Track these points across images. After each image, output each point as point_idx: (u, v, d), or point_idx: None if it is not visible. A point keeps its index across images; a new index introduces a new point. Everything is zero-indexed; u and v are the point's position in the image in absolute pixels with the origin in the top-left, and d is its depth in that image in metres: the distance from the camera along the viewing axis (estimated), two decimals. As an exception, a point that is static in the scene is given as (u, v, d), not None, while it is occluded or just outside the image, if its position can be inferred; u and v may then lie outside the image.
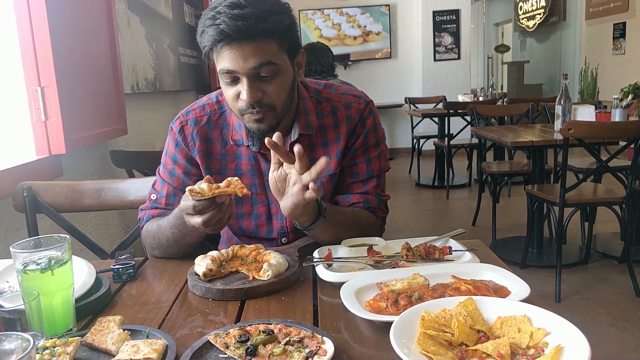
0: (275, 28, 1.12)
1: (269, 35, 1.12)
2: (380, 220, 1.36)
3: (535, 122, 4.21)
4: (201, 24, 1.14)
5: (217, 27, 1.09)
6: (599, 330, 2.52)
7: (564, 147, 2.82)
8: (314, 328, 0.82)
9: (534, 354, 0.74)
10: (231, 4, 1.09)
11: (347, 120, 1.31)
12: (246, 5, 1.09)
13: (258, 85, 1.15)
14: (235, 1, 1.10)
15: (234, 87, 1.16)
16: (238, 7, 1.09)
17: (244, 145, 1.29)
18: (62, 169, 2.15)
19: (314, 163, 1.29)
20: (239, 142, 1.29)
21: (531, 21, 9.74)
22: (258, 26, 1.09)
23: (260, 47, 1.11)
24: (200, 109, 1.32)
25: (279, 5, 1.15)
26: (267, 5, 1.12)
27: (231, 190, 1.04)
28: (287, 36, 1.16)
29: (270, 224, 1.34)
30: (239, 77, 1.14)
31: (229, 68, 1.13)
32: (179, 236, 1.21)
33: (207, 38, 1.12)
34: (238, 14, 1.08)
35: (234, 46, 1.10)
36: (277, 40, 1.14)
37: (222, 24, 1.08)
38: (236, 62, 1.12)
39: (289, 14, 1.17)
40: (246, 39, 1.09)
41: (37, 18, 1.91)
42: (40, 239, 0.90)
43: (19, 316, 0.79)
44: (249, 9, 1.09)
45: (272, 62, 1.13)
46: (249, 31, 1.09)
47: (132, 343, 0.79)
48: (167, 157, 1.34)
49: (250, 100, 1.14)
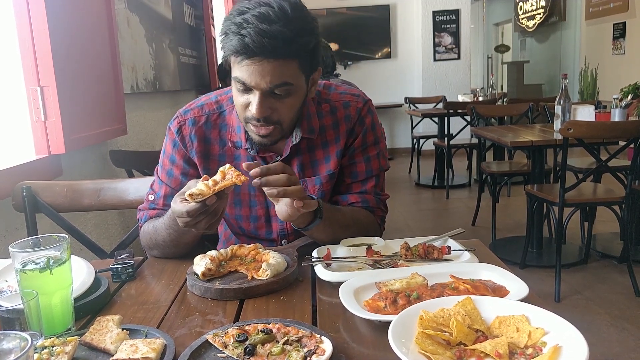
0: (301, 50, 1.10)
1: (292, 57, 1.10)
2: (379, 219, 1.36)
3: (535, 122, 4.22)
4: (226, 25, 1.09)
5: (242, 38, 1.05)
6: (598, 330, 2.52)
7: (564, 147, 2.82)
8: (313, 327, 0.83)
9: (532, 353, 0.74)
10: (260, 16, 1.05)
11: (346, 119, 1.30)
12: (275, 20, 1.05)
13: (269, 102, 1.13)
14: (265, 13, 1.05)
15: (245, 95, 1.14)
16: (267, 21, 1.05)
17: (243, 148, 1.28)
18: (62, 168, 2.15)
19: (313, 164, 1.30)
20: (238, 144, 1.28)
21: (531, 21, 9.74)
22: (283, 47, 1.06)
23: (281, 67, 1.09)
24: (198, 109, 1.31)
25: (308, 24, 1.11)
26: (296, 24, 1.08)
27: (230, 182, 1.02)
28: (310, 58, 1.15)
29: (269, 225, 1.34)
30: (251, 89, 1.12)
31: (245, 81, 1.11)
32: (175, 237, 1.21)
33: (229, 46, 1.08)
34: (265, 30, 1.04)
35: (255, 61, 1.07)
36: (299, 61, 1.12)
37: (247, 36, 1.04)
38: (253, 77, 1.09)
39: (315, 34, 1.14)
40: (269, 57, 1.07)
41: (37, 18, 1.91)
42: (39, 239, 0.90)
43: (17, 315, 0.79)
44: (277, 26, 1.05)
45: (289, 83, 1.12)
46: (273, 50, 1.06)
47: (131, 342, 0.79)
48: (164, 158, 1.33)
49: (258, 116, 1.13)
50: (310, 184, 1.30)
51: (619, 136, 2.94)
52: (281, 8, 1.06)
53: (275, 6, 1.06)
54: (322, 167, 1.30)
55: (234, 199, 1.30)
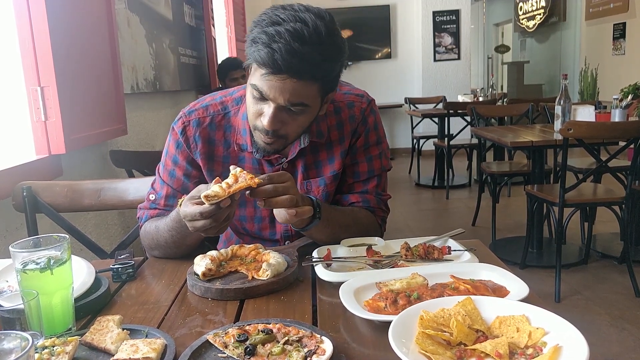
0: (325, 76, 1.10)
1: (316, 80, 1.09)
2: (380, 219, 1.36)
3: (535, 122, 4.22)
4: (256, 32, 1.06)
5: (272, 52, 1.03)
6: (598, 330, 2.52)
7: (564, 147, 2.82)
8: (313, 327, 0.83)
9: (533, 353, 0.74)
10: (294, 33, 1.02)
11: (350, 120, 1.30)
12: (308, 41, 1.03)
13: (281, 117, 1.12)
14: (300, 31, 1.03)
15: (260, 104, 1.13)
16: (300, 40, 1.03)
17: (248, 151, 1.27)
18: (62, 168, 2.15)
19: (317, 165, 1.29)
20: (244, 147, 1.27)
21: (531, 21, 9.74)
22: (309, 70, 1.05)
23: (301, 87, 1.08)
24: (203, 110, 1.29)
25: (338, 50, 1.11)
26: (327, 49, 1.07)
27: (244, 185, 1.01)
28: (332, 82, 1.15)
29: (273, 226, 1.34)
30: (267, 100, 1.11)
31: (263, 92, 1.09)
32: (178, 239, 1.20)
33: (257, 56, 1.05)
34: (297, 49, 1.02)
35: (279, 77, 1.06)
36: (320, 84, 1.11)
37: (277, 52, 1.02)
38: (272, 91, 1.08)
39: (342, 60, 1.13)
40: (293, 77, 1.05)
41: (37, 18, 1.91)
42: (39, 239, 0.90)
43: (18, 315, 0.79)
44: (308, 48, 1.03)
45: (305, 104, 1.11)
46: (299, 71, 1.05)
47: (131, 342, 0.79)
48: (167, 158, 1.32)
49: (268, 128, 1.13)
50: (314, 185, 1.30)
51: (619, 136, 2.94)
52: (316, 28, 1.04)
53: (310, 25, 1.04)
54: (326, 168, 1.30)
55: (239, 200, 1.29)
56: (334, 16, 1.11)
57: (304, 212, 1.10)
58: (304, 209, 1.10)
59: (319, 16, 1.06)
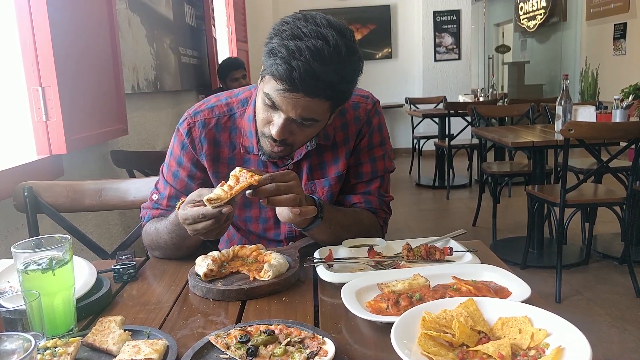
0: (338, 96, 1.11)
1: (329, 99, 1.09)
2: (382, 221, 1.36)
3: (536, 122, 4.22)
4: (275, 43, 1.04)
5: (290, 70, 1.01)
6: (599, 330, 2.52)
7: (565, 147, 2.82)
8: (315, 329, 0.82)
9: (535, 355, 0.74)
10: (315, 52, 1.01)
11: (355, 121, 1.30)
12: (328, 62, 1.02)
13: (290, 128, 1.13)
14: (320, 49, 1.01)
15: (270, 112, 1.13)
16: (320, 59, 1.01)
17: (254, 153, 1.27)
18: (63, 169, 2.15)
19: (322, 166, 1.29)
20: (250, 149, 1.27)
21: (532, 22, 9.74)
22: (325, 90, 1.05)
23: (315, 105, 1.08)
24: (208, 111, 1.28)
25: (355, 70, 1.10)
26: (345, 69, 1.06)
27: (245, 184, 1.01)
28: (342, 101, 1.16)
29: (277, 227, 1.33)
30: (278, 110, 1.11)
31: (276, 103, 1.09)
32: (178, 241, 1.20)
33: (274, 70, 1.04)
34: (316, 70, 1.01)
35: (293, 94, 1.06)
36: (333, 102, 1.12)
37: (296, 70, 1.01)
38: (285, 104, 1.08)
39: (356, 80, 1.13)
40: (307, 96, 1.05)
41: (38, 18, 1.91)
42: (41, 239, 0.89)
43: (20, 316, 0.79)
44: (328, 68, 1.02)
45: (316, 120, 1.12)
46: (315, 92, 1.05)
47: (133, 343, 0.79)
48: (171, 159, 1.31)
49: (276, 137, 1.13)
50: (319, 186, 1.30)
51: (620, 137, 2.93)
52: (336, 47, 1.03)
53: (331, 43, 1.02)
54: (330, 169, 1.30)
55: (243, 201, 1.28)
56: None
57: (308, 211, 1.10)
58: (308, 209, 1.10)
59: (341, 33, 1.05)
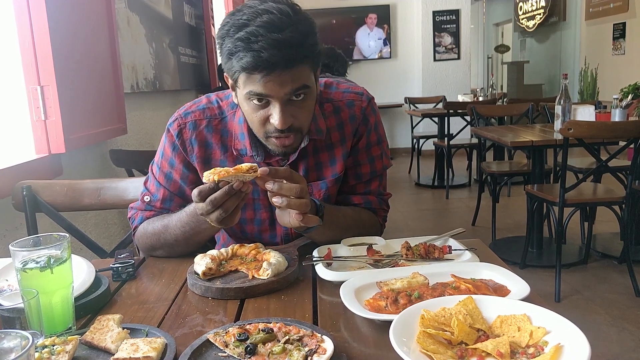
0: (311, 52, 1.08)
1: (305, 60, 1.07)
2: (382, 219, 1.36)
3: (535, 122, 4.22)
4: (229, 44, 1.04)
5: (257, 54, 1.00)
6: (598, 330, 2.52)
7: (564, 147, 2.82)
8: (314, 327, 0.82)
9: (534, 352, 0.74)
10: (268, 25, 1.01)
11: (351, 120, 1.27)
12: (283, 27, 1.01)
13: (290, 110, 1.10)
14: (270, 21, 1.01)
15: (262, 110, 1.10)
16: (276, 29, 1.01)
17: (248, 155, 1.24)
18: (62, 168, 2.15)
19: (318, 167, 1.28)
20: (243, 152, 1.24)
21: (531, 21, 9.74)
22: (298, 52, 1.03)
23: (297, 72, 1.06)
24: (199, 112, 1.26)
25: (311, 24, 1.08)
26: (302, 26, 1.05)
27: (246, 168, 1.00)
28: (317, 57, 1.12)
29: (273, 229, 1.32)
30: (269, 101, 1.08)
31: (263, 92, 1.06)
32: (190, 234, 1.19)
33: (242, 63, 1.02)
34: (279, 39, 1.00)
35: (275, 74, 1.03)
36: (309, 62, 1.09)
37: (262, 51, 1.00)
38: (272, 87, 1.05)
39: (316, 32, 1.11)
40: (287, 67, 1.03)
41: (37, 17, 1.91)
42: (39, 238, 0.89)
43: (18, 314, 0.79)
44: (288, 33, 1.01)
45: (307, 85, 1.09)
46: (290, 59, 1.02)
47: (132, 342, 0.79)
48: (163, 159, 1.28)
49: (282, 127, 1.09)
50: (315, 188, 1.27)
51: (619, 136, 2.93)
52: (282, 12, 1.03)
53: (276, 12, 1.02)
54: (327, 170, 1.28)
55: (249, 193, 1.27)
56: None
57: (310, 220, 1.08)
58: (310, 218, 1.08)
59: (276, 1, 1.06)
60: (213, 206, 1.02)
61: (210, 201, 1.01)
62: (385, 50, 7.83)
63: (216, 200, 1.01)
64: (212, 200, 1.01)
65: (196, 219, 1.14)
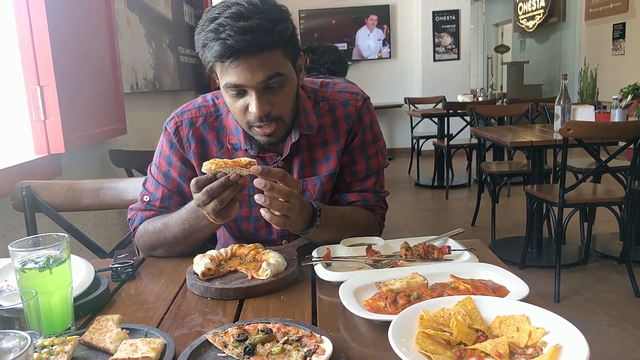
0: (281, 38, 1.10)
1: (275, 46, 1.09)
2: (380, 217, 1.36)
3: (535, 122, 4.21)
4: (202, 37, 1.09)
5: (224, 42, 1.05)
6: (598, 330, 2.52)
7: (564, 147, 2.82)
8: (313, 327, 0.82)
9: (533, 353, 0.74)
10: (234, 15, 1.05)
11: (345, 118, 1.30)
12: (250, 15, 1.06)
13: (267, 98, 1.13)
14: (238, 12, 1.06)
15: (241, 99, 1.14)
16: (242, 18, 1.05)
17: (242, 149, 1.27)
18: (61, 168, 2.15)
19: (312, 163, 1.29)
20: (237, 146, 1.27)
21: (531, 21, 9.74)
22: (265, 38, 1.06)
23: (268, 59, 1.09)
24: (195, 110, 1.30)
25: (281, 12, 1.12)
26: (271, 14, 1.08)
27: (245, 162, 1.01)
28: (291, 43, 1.15)
29: (269, 226, 1.31)
30: (246, 90, 1.12)
31: (237, 82, 1.10)
32: (190, 232, 1.19)
33: (212, 53, 1.07)
34: (244, 26, 1.04)
35: (242, 61, 1.07)
36: (282, 49, 1.12)
37: (228, 38, 1.04)
38: (244, 76, 1.09)
39: (290, 20, 1.14)
40: (254, 52, 1.06)
41: (37, 17, 1.91)
42: (38, 238, 0.89)
43: (17, 315, 0.79)
44: (254, 20, 1.05)
45: (280, 73, 1.12)
46: (257, 44, 1.06)
47: (131, 342, 0.79)
48: (161, 159, 1.31)
49: (259, 114, 1.13)
50: (310, 184, 1.29)
51: (618, 136, 2.94)
52: (251, 3, 1.07)
53: (245, 3, 1.07)
54: (322, 166, 1.30)
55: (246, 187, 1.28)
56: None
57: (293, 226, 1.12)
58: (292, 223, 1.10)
59: None
60: (209, 196, 1.03)
61: (207, 191, 1.02)
62: (385, 51, 7.84)
63: (212, 191, 1.02)
64: (209, 190, 1.02)
65: (195, 215, 1.15)
